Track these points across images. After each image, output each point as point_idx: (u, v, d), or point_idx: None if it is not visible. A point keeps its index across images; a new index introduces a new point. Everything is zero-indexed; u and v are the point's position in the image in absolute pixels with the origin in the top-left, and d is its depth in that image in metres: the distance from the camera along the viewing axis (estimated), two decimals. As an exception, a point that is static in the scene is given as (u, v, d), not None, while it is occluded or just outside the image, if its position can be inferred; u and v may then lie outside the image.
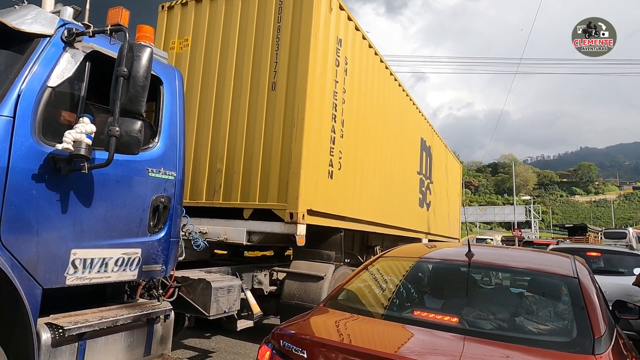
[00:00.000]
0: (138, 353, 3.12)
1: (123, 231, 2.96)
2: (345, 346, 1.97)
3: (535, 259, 3.06)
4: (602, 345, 1.85)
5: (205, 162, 5.35)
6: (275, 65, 5.16)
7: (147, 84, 2.58)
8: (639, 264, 7.00)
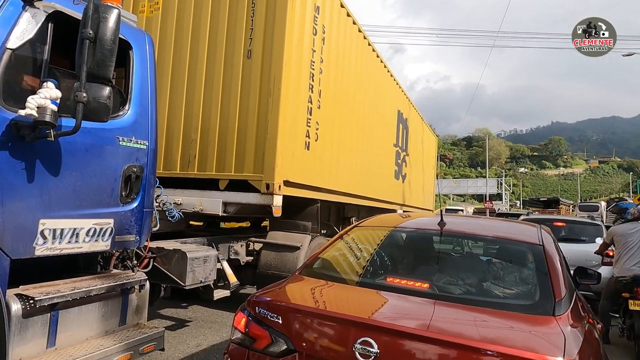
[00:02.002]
0: (113, 323, 3.11)
1: (94, 201, 2.89)
2: (319, 311, 2.01)
3: (503, 228, 3.17)
4: (562, 307, 1.96)
5: (179, 132, 5.23)
6: (251, 32, 5.01)
7: (114, 47, 2.46)
8: (599, 233, 7.40)
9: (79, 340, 2.82)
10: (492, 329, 1.87)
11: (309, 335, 1.91)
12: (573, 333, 1.79)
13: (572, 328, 1.84)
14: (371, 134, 8.05)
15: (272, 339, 1.96)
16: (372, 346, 1.71)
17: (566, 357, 1.54)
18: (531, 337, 1.80)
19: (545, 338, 1.75)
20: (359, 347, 1.73)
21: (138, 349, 3.06)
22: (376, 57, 8.22)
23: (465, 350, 1.63)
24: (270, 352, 1.95)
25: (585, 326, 1.98)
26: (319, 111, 5.74)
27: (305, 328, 1.93)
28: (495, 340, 1.70)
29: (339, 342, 1.85)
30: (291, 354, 1.91)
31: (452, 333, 1.78)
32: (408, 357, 1.71)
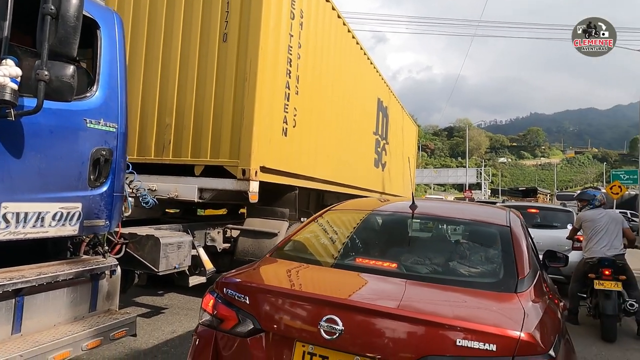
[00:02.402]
0: (83, 309, 3.06)
1: (60, 184, 2.81)
2: (285, 291, 2.01)
3: (473, 211, 3.24)
4: (524, 285, 2.02)
5: (153, 116, 5.13)
6: (227, 15, 4.92)
7: (78, 24, 2.37)
8: (570, 220, 7.68)
9: (46, 327, 2.77)
10: (456, 305, 1.91)
11: (275, 315, 1.92)
12: (533, 309, 1.84)
13: (532, 304, 1.89)
14: (350, 121, 8.04)
15: (239, 319, 1.96)
16: (337, 324, 1.73)
17: (524, 331, 1.59)
18: (493, 313, 1.85)
19: (506, 313, 1.80)
20: (324, 325, 1.74)
21: (108, 335, 3.01)
22: (356, 44, 8.19)
23: (427, 325, 1.67)
24: (237, 332, 1.95)
25: (547, 303, 2.03)
26: (297, 97, 5.70)
27: (271, 307, 1.94)
28: (458, 315, 1.74)
29: (304, 320, 1.86)
30: (258, 333, 1.92)
31: (416, 309, 1.81)
32: (372, 334, 1.73)
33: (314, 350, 1.80)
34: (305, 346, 1.82)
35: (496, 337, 1.57)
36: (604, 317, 5.15)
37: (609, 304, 5.09)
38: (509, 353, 1.55)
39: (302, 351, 1.82)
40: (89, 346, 2.86)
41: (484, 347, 1.56)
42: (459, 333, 1.60)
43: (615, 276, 5.19)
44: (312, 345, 1.80)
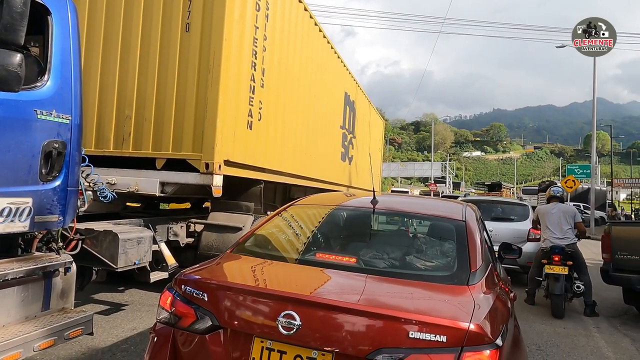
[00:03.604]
0: (35, 308, 2.93)
1: (8, 178, 2.67)
2: (243, 287, 2.01)
3: (432, 206, 3.33)
4: (476, 277, 2.11)
5: (112, 107, 4.95)
6: (189, 4, 4.79)
7: (25, 10, 2.26)
8: (526, 213, 8.29)
9: (-6, 327, 2.64)
10: (410, 298, 1.97)
11: (233, 311, 1.91)
12: (483, 300, 1.92)
13: (483, 296, 1.97)
14: (317, 115, 8.05)
15: (197, 317, 1.94)
16: (294, 319, 1.74)
17: (473, 322, 1.66)
18: (445, 305, 1.91)
19: (457, 305, 1.87)
20: (282, 321, 1.75)
21: (63, 334, 2.91)
22: (323, 38, 8.18)
23: (382, 319, 1.71)
24: (195, 330, 1.94)
25: (497, 294, 2.12)
26: (263, 90, 5.64)
27: (230, 304, 1.93)
28: (411, 309, 1.79)
29: (262, 316, 1.87)
30: (216, 330, 1.91)
31: (371, 304, 1.85)
32: (329, 328, 1.75)
33: (272, 345, 1.81)
34: (263, 342, 1.83)
35: (446, 329, 1.63)
36: (553, 297, 5.86)
37: (557, 285, 5.80)
38: (458, 343, 1.61)
39: (260, 347, 1.83)
40: (41, 346, 2.75)
41: (435, 338, 1.61)
42: (412, 326, 1.65)
43: (564, 262, 5.88)
44: (271, 341, 1.81)
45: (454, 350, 1.60)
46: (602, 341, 4.97)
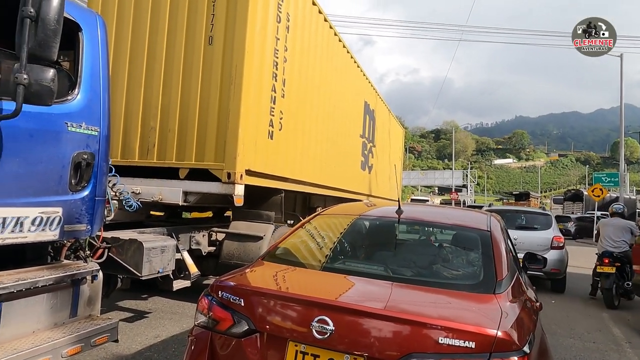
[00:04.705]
0: (63, 315, 3.01)
1: (40, 189, 2.77)
2: (278, 293, 2.10)
3: (456, 216, 3.34)
4: (502, 286, 2.13)
5: (137, 119, 5.08)
6: (212, 17, 4.90)
7: (59, 27, 2.34)
8: (549, 222, 8.72)
9: (25, 333, 2.72)
10: (438, 305, 2.02)
11: (269, 316, 1.99)
12: (510, 309, 1.94)
13: (509, 304, 2.00)
14: (337, 125, 8.08)
15: (234, 321, 2.03)
16: (328, 324, 1.81)
17: (500, 329, 1.69)
18: (472, 313, 1.95)
19: (485, 313, 1.90)
20: (315, 325, 1.82)
21: (89, 341, 2.97)
22: (343, 48, 8.23)
23: (411, 325, 1.76)
24: (232, 333, 2.02)
25: (523, 303, 2.13)
26: (283, 100, 5.70)
27: (265, 309, 2.01)
28: (440, 315, 1.84)
29: (297, 321, 1.94)
30: (252, 334, 1.99)
31: (401, 310, 1.90)
32: (361, 333, 1.81)
33: (305, 349, 1.88)
34: (297, 345, 1.90)
35: (475, 335, 1.67)
36: (605, 291, 7.31)
37: (607, 282, 7.23)
38: (486, 349, 1.65)
39: (294, 350, 1.90)
40: (69, 353, 2.81)
41: (464, 344, 1.65)
42: (441, 332, 1.69)
43: (612, 263, 7.19)
44: (304, 345, 1.88)
45: (482, 356, 1.65)
46: (636, 357, 4.78)
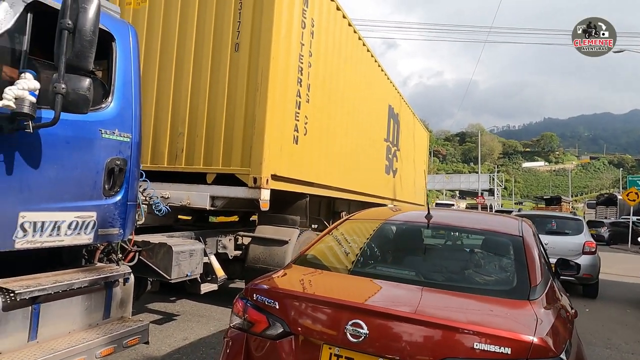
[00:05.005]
0: (97, 316, 3.10)
1: (76, 194, 2.87)
2: (313, 296, 2.12)
3: (487, 221, 3.29)
4: (537, 293, 2.10)
5: (166, 125, 5.21)
6: (239, 25, 4.98)
7: (94, 38, 2.43)
8: (580, 227, 8.57)
9: (61, 334, 2.81)
10: (472, 311, 1.99)
11: (303, 319, 2.03)
12: (545, 315, 1.91)
13: (544, 311, 1.96)
14: (361, 129, 8.05)
15: (269, 323, 2.07)
16: (362, 327, 1.82)
17: (537, 336, 1.67)
18: (507, 318, 1.93)
19: (520, 319, 1.89)
20: (350, 329, 1.84)
21: (122, 342, 3.05)
22: (367, 52, 8.22)
23: (447, 330, 1.76)
24: (267, 335, 2.06)
25: (558, 310, 2.09)
26: (308, 105, 5.73)
27: (300, 312, 2.04)
28: (475, 320, 1.82)
29: (331, 324, 1.96)
30: (287, 336, 2.02)
31: (435, 315, 1.89)
32: (395, 337, 1.82)
33: (340, 352, 1.90)
34: (332, 348, 1.92)
35: (511, 341, 1.66)
36: None
37: None
38: (522, 356, 1.63)
39: (329, 353, 1.92)
40: (102, 353, 2.89)
41: (500, 350, 1.64)
42: (476, 337, 1.69)
43: None
44: (339, 348, 1.90)
45: None
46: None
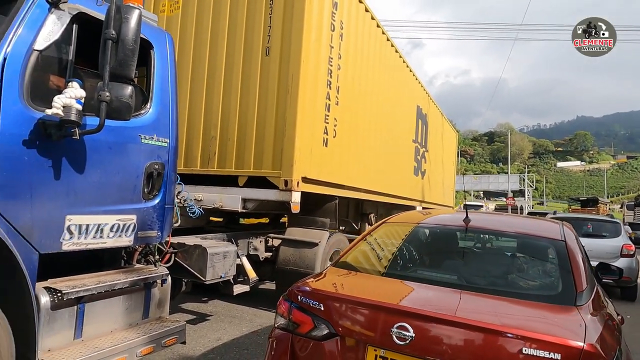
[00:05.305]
0: (136, 316, 3.19)
1: (117, 197, 2.97)
2: (358, 299, 2.14)
3: (526, 225, 3.24)
4: (583, 298, 2.07)
5: (199, 129, 5.32)
6: (269, 29, 5.04)
7: (136, 47, 2.51)
8: (618, 230, 8.45)
9: (104, 333, 2.91)
10: (517, 315, 1.99)
11: (348, 321, 2.06)
12: (593, 321, 1.89)
13: (592, 317, 1.94)
14: (390, 130, 8.00)
15: (314, 324, 2.11)
16: (408, 330, 1.84)
17: (587, 342, 1.65)
18: (554, 324, 1.91)
19: (568, 325, 1.87)
20: (395, 331, 1.86)
21: (160, 342, 3.13)
22: (395, 52, 8.16)
23: (492, 334, 1.75)
24: (313, 336, 2.10)
25: (605, 316, 2.05)
26: (337, 107, 5.74)
27: (345, 314, 2.08)
28: (522, 325, 1.81)
29: (377, 326, 1.98)
30: (333, 337, 2.05)
31: (482, 318, 1.89)
32: (442, 340, 1.82)
33: (385, 354, 1.92)
34: (377, 350, 1.95)
35: (560, 347, 1.64)
36: None
37: None
38: None
39: (374, 355, 1.95)
40: (142, 352, 2.98)
41: (549, 355, 1.63)
42: (524, 341, 1.68)
43: None
44: (384, 350, 1.92)
45: None
46: None
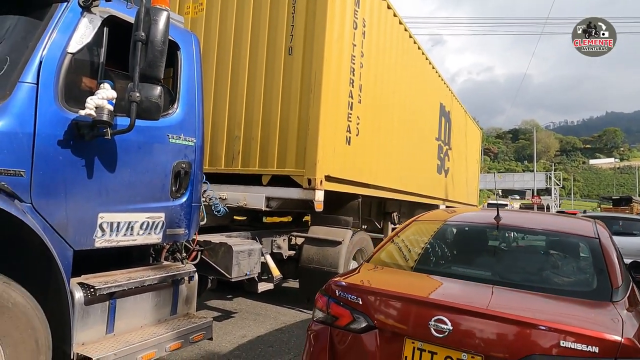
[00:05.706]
0: (165, 312, 3.26)
1: (147, 196, 3.04)
2: (396, 293, 2.20)
3: (558, 222, 3.26)
4: (619, 294, 2.10)
5: (223, 128, 5.38)
6: (292, 29, 5.06)
7: (165, 48, 2.57)
8: None
9: (134, 328, 2.98)
10: (554, 310, 2.02)
11: (387, 314, 2.14)
12: (629, 317, 1.90)
13: (628, 312, 1.96)
14: (413, 128, 7.92)
15: (353, 317, 2.18)
16: (445, 323, 1.90)
17: (625, 336, 1.67)
18: (591, 318, 1.94)
19: (604, 320, 1.89)
20: (433, 324, 1.92)
21: (188, 338, 3.19)
22: (417, 49, 8.07)
23: (529, 327, 1.79)
24: (352, 329, 2.18)
25: None
26: (360, 106, 5.71)
27: (383, 308, 2.15)
28: (560, 319, 1.84)
29: (415, 320, 2.05)
30: (371, 330, 2.12)
31: (519, 312, 1.92)
32: (479, 333, 1.87)
33: (423, 346, 1.98)
34: (415, 342, 2.01)
35: (598, 340, 1.67)
36: None
37: None
38: (610, 355, 1.64)
39: (412, 347, 2.01)
40: (171, 348, 3.05)
41: (587, 348, 1.66)
42: (562, 335, 1.71)
43: None
44: (422, 342, 1.98)
45: None
46: None
